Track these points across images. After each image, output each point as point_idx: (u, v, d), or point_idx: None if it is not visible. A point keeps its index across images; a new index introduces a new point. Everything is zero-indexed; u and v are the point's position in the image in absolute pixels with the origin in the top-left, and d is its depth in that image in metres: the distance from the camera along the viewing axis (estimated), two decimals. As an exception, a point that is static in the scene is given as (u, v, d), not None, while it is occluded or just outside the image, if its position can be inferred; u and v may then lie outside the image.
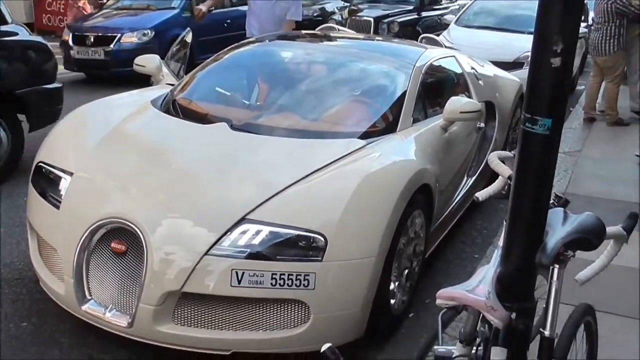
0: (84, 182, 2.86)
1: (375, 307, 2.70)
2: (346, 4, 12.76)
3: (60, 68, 9.64)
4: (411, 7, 11.94)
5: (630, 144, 6.13)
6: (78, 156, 3.02)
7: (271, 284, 2.46)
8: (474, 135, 4.27)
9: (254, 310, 2.52)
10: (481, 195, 1.97)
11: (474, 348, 1.36)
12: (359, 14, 11.28)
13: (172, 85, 3.96)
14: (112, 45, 8.59)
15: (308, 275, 2.47)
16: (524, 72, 6.53)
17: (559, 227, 1.37)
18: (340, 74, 3.81)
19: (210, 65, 4.03)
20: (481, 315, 1.27)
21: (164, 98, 3.70)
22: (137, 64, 4.11)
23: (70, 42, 8.78)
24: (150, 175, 2.83)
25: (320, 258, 2.49)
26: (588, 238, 1.37)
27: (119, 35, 8.71)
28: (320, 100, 3.54)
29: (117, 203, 2.69)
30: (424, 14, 11.97)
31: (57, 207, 2.82)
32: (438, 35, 7.47)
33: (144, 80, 4.42)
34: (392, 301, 2.88)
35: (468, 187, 4.24)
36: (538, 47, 1.25)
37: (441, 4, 13.20)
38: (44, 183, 3.02)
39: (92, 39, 8.68)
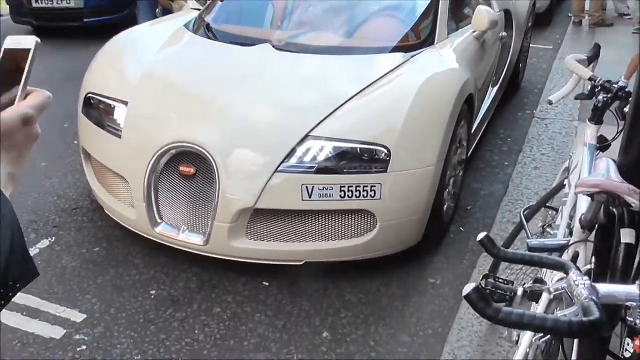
0: (141, 109, 2.91)
1: (431, 213, 2.87)
2: None
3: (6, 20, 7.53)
4: None
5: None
6: (128, 85, 3.05)
7: (340, 196, 2.59)
8: (497, 45, 4.32)
9: (323, 222, 2.66)
10: (555, 98, 2.07)
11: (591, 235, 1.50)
12: None
13: (198, 10, 3.91)
14: None
15: (375, 186, 2.60)
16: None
17: None
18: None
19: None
20: (603, 204, 1.40)
21: (194, 23, 3.67)
22: None
23: None
24: (208, 99, 2.88)
25: (385, 169, 2.61)
26: None
27: None
28: (359, 16, 3.54)
29: (181, 128, 2.75)
30: None
31: (119, 136, 2.87)
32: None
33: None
34: (444, 208, 3.05)
35: (492, 96, 4.34)
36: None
37: None
38: (97, 113, 3.06)
39: None
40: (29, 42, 0.69)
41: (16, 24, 7.33)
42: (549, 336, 1.39)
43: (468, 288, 0.91)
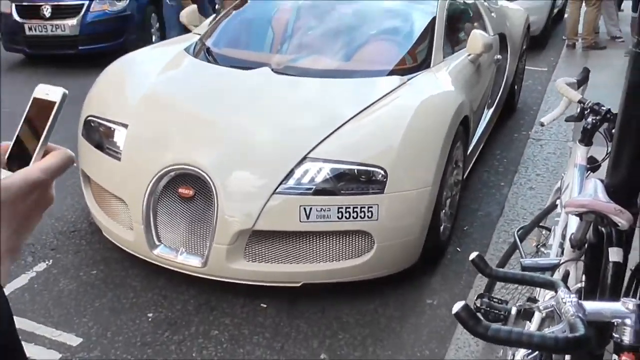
0: (140, 132, 2.94)
1: (428, 234, 2.88)
2: None
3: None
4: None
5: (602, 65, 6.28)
6: (128, 108, 3.09)
7: (337, 217, 2.61)
8: (492, 67, 4.39)
9: (321, 243, 2.68)
10: (546, 119, 2.11)
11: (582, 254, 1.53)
12: None
13: (199, 34, 3.98)
14: (79, 17, 6.81)
15: (372, 207, 2.62)
16: (525, 2, 6.51)
17: None
18: (367, 13, 3.84)
19: (235, 11, 4.04)
20: (592, 224, 1.42)
21: (195, 47, 3.74)
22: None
23: (16, 16, 6.78)
24: (207, 122, 2.92)
25: (381, 190, 2.64)
26: None
27: (86, 3, 6.84)
28: (356, 40, 3.61)
29: (180, 150, 2.78)
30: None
31: (118, 159, 2.90)
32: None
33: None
34: (441, 228, 3.06)
35: (488, 118, 4.39)
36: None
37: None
38: (97, 136, 3.09)
39: (49, 10, 6.73)
40: (57, 94, 0.64)
41: (8, 52, 7.15)
42: (537, 353, 1.40)
43: (457, 306, 0.92)
